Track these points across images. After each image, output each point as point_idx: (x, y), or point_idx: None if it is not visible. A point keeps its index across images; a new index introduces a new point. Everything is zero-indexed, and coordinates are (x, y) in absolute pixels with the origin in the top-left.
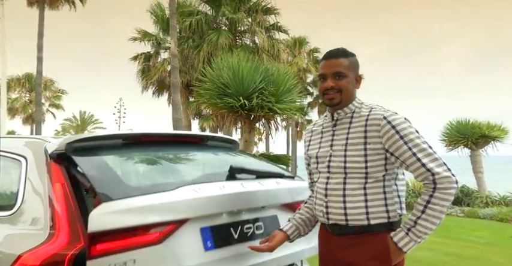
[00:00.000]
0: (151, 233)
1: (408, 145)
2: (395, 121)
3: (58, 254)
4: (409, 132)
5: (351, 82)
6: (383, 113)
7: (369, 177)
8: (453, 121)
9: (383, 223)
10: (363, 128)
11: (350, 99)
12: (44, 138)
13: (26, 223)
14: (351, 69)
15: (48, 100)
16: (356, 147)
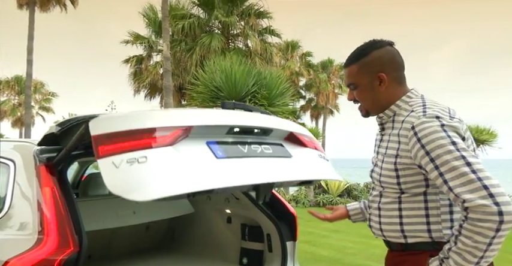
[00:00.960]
0: (157, 136)
1: (435, 163)
2: (423, 132)
3: (47, 259)
4: (438, 145)
5: (368, 88)
6: (414, 121)
7: (405, 192)
8: None
9: (425, 242)
10: (397, 138)
11: (380, 104)
12: (33, 142)
13: (14, 228)
14: (363, 73)
15: (38, 103)
16: (390, 159)
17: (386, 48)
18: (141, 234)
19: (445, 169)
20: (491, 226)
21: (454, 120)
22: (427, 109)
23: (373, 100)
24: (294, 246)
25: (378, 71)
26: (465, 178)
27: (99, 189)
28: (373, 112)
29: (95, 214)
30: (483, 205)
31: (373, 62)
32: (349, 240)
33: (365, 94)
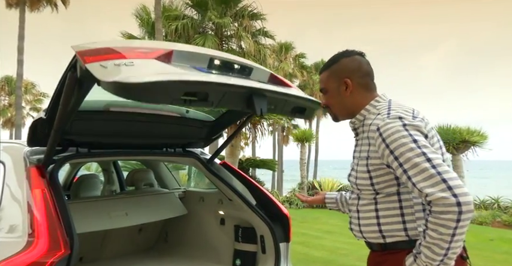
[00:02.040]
0: (141, 52)
1: (399, 161)
2: (387, 132)
3: (37, 262)
4: (400, 143)
5: (336, 93)
6: (379, 122)
7: (379, 193)
8: (435, 127)
9: (403, 241)
10: (367, 140)
11: (348, 109)
12: (23, 143)
13: (3, 231)
14: (332, 79)
15: (29, 104)
16: (362, 161)
17: (355, 57)
18: (134, 236)
19: (408, 166)
20: (452, 217)
21: (416, 119)
22: (391, 111)
23: (340, 105)
24: (287, 247)
25: (344, 77)
26: (426, 173)
27: (91, 190)
28: (341, 116)
29: (87, 215)
30: (443, 198)
31: (341, 69)
32: (342, 241)
33: (333, 98)
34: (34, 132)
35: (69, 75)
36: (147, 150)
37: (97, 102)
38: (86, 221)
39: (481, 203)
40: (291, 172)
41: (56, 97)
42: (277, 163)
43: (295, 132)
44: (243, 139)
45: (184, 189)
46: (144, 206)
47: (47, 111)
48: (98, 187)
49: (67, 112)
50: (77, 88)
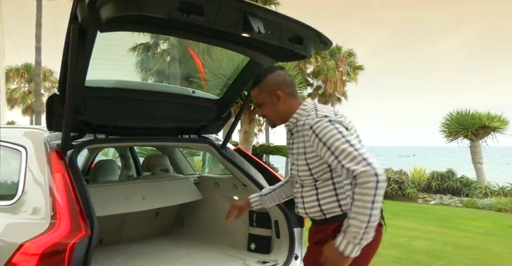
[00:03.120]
0: None
1: (331, 150)
2: (318, 129)
3: (59, 243)
4: (330, 136)
5: (270, 104)
6: (310, 122)
7: (318, 180)
8: (453, 112)
9: (338, 215)
10: (302, 138)
11: (282, 115)
12: (43, 128)
13: (27, 213)
14: (263, 93)
15: (47, 91)
16: (301, 156)
17: (278, 71)
18: (151, 220)
19: (338, 153)
20: (372, 185)
21: (337, 116)
22: (318, 112)
23: (275, 113)
24: (301, 232)
25: (274, 90)
26: (351, 155)
27: (109, 175)
28: (278, 122)
29: (106, 199)
30: (365, 171)
31: (270, 83)
32: None
33: (268, 109)
34: (50, 109)
35: (72, 28)
36: (163, 136)
37: (107, 81)
38: (105, 205)
39: (500, 190)
40: None
41: (63, 67)
42: None
43: None
44: (257, 126)
45: (199, 175)
46: (160, 191)
47: (59, 86)
48: (115, 172)
49: (77, 77)
50: (81, 41)
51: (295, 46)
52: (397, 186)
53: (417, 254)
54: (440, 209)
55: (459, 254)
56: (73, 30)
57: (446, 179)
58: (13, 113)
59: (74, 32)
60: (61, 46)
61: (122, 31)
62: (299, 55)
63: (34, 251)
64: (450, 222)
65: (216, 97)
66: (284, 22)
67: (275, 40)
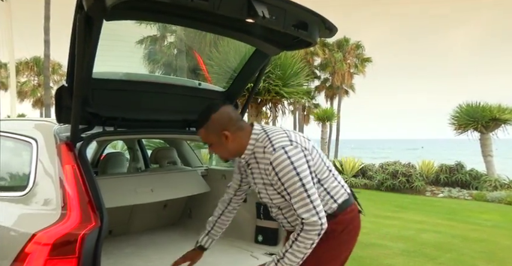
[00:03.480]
0: None
1: (287, 191)
2: (278, 167)
3: (70, 233)
4: (290, 177)
5: (219, 144)
6: (270, 157)
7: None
8: (463, 104)
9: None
10: (264, 171)
11: (234, 152)
12: (53, 121)
13: (39, 204)
14: (211, 134)
15: (56, 84)
16: (270, 187)
17: (222, 109)
18: (159, 212)
19: (293, 195)
20: (315, 233)
21: (293, 144)
22: (273, 142)
23: (227, 151)
24: None
25: (221, 130)
26: (303, 202)
27: (117, 167)
28: (230, 157)
29: (115, 191)
30: (314, 221)
31: (215, 125)
32: (362, 220)
33: (219, 148)
34: (59, 102)
35: (78, 18)
36: (170, 129)
37: (114, 73)
38: (114, 196)
39: (510, 183)
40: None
41: (71, 58)
42: None
43: (317, 111)
44: (264, 119)
45: (206, 167)
46: (168, 183)
47: (67, 78)
48: (124, 164)
49: (84, 68)
50: (88, 31)
51: (300, 32)
52: (404, 179)
53: (425, 247)
54: (448, 202)
55: (467, 247)
56: (79, 20)
57: (455, 172)
58: (23, 106)
59: (80, 21)
60: (69, 38)
61: (127, 19)
62: (304, 42)
63: (46, 241)
64: (459, 215)
65: (222, 90)
66: (288, 7)
67: (279, 26)
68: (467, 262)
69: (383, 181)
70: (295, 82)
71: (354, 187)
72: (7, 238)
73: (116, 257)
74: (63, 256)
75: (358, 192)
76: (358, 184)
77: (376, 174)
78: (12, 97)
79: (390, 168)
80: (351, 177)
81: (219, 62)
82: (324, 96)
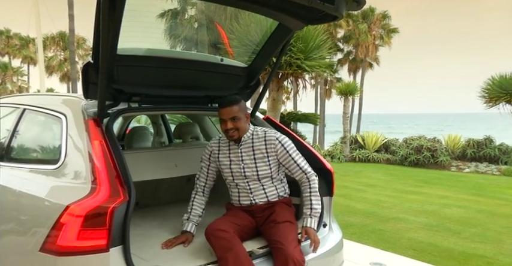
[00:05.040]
0: None
1: (292, 156)
2: (283, 140)
3: (101, 206)
4: (292, 146)
5: (243, 120)
6: (274, 136)
7: (273, 178)
8: (495, 76)
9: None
10: (264, 146)
11: (244, 129)
12: (80, 96)
13: (69, 177)
14: (241, 111)
15: (81, 59)
16: (262, 160)
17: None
18: (182, 186)
19: (297, 158)
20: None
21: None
22: (269, 130)
23: (242, 127)
24: (330, 201)
25: (246, 111)
26: (305, 161)
27: (142, 141)
28: (241, 134)
29: (141, 166)
30: (314, 173)
31: (244, 106)
32: (384, 194)
33: (241, 123)
34: (85, 78)
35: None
36: (193, 105)
37: (138, 49)
38: (140, 171)
39: None
40: (332, 126)
41: (96, 35)
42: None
43: (339, 85)
44: (285, 93)
45: None
46: (191, 158)
47: (92, 54)
48: (148, 138)
49: (109, 44)
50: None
51: (325, 6)
52: (429, 154)
53: (448, 221)
54: (475, 177)
55: (493, 222)
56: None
57: (483, 146)
58: (51, 80)
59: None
60: (93, 13)
61: None
62: (329, 16)
63: (79, 213)
64: (485, 190)
65: (245, 65)
66: None
67: (305, 0)
68: (492, 237)
69: (406, 156)
70: (318, 55)
71: (376, 162)
72: (42, 207)
73: (144, 229)
74: (95, 227)
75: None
76: (380, 159)
77: (399, 149)
78: (41, 73)
79: (414, 143)
80: (373, 152)
81: (240, 36)
82: (347, 70)
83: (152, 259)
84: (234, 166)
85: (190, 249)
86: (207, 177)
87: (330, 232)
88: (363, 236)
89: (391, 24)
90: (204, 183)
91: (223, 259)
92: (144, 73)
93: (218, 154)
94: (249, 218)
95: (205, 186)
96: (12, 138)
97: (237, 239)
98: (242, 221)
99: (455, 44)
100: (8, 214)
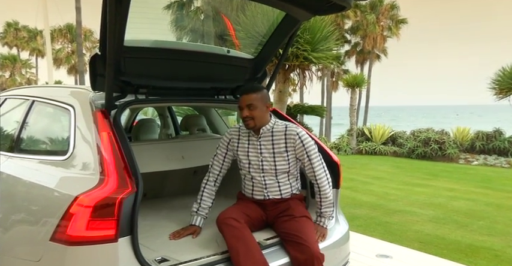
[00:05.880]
0: None
1: (308, 154)
2: (303, 136)
3: (110, 197)
4: (311, 144)
5: (261, 109)
6: (295, 130)
7: (290, 174)
8: (507, 67)
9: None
10: (283, 140)
11: (262, 121)
12: (88, 88)
13: (78, 168)
14: (260, 100)
15: (88, 51)
16: (281, 154)
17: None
18: (189, 178)
19: (313, 157)
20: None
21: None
22: (291, 124)
23: (260, 117)
24: (337, 193)
25: (267, 101)
26: (322, 165)
27: (149, 133)
28: (258, 125)
29: (148, 157)
30: (326, 178)
31: (265, 95)
32: (391, 187)
33: (258, 113)
34: (93, 70)
35: None
36: (200, 97)
37: (144, 41)
38: (148, 162)
39: None
40: (339, 119)
41: (103, 27)
42: (325, 109)
43: (346, 77)
44: (291, 85)
45: None
46: (198, 150)
47: (99, 46)
48: (155, 130)
49: (116, 36)
50: (118, 0)
51: None
52: (437, 147)
53: (456, 214)
54: (483, 170)
55: (502, 215)
56: None
57: (492, 139)
58: (59, 73)
59: None
60: (100, 5)
61: None
62: (337, 6)
63: (87, 203)
64: (494, 183)
65: (251, 57)
66: None
67: None
68: (500, 230)
69: (414, 149)
70: (325, 46)
71: (382, 155)
72: (52, 198)
73: (151, 220)
74: (104, 218)
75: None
76: (387, 152)
77: (406, 142)
78: (49, 65)
79: (422, 136)
80: (380, 145)
81: (246, 27)
82: (354, 62)
83: (160, 249)
84: (252, 158)
85: (197, 240)
86: (222, 164)
87: (337, 224)
88: (369, 228)
89: (400, 15)
90: (219, 171)
91: (234, 249)
92: (151, 65)
93: (238, 144)
94: (260, 211)
95: (218, 175)
96: (22, 130)
97: (248, 229)
98: (253, 213)
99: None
100: (19, 204)
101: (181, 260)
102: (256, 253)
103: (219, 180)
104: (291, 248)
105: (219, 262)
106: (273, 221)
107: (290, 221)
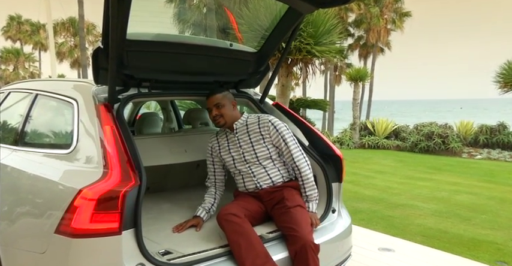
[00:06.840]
0: None
1: (285, 140)
2: (276, 123)
3: (113, 190)
4: (284, 129)
5: (228, 107)
6: (267, 118)
7: (274, 159)
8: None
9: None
10: (258, 130)
11: (232, 117)
12: (91, 82)
13: (81, 161)
14: (226, 98)
15: (91, 45)
16: (259, 142)
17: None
18: (192, 171)
19: (290, 144)
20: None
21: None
22: (263, 114)
23: (229, 115)
24: (339, 187)
25: (232, 99)
26: (298, 148)
27: (152, 127)
28: (228, 122)
29: (151, 151)
30: (304, 160)
31: (230, 94)
32: (394, 181)
33: (226, 110)
34: (96, 63)
35: None
36: (203, 91)
37: (147, 34)
38: (151, 156)
39: None
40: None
41: (105, 20)
42: (328, 103)
43: (349, 70)
44: (294, 79)
45: None
46: (201, 144)
47: (102, 40)
48: (158, 124)
49: (118, 29)
50: None
51: None
52: (440, 140)
53: (458, 208)
54: (487, 164)
55: (505, 209)
56: None
57: (496, 133)
58: (62, 66)
59: None
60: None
61: None
62: None
63: (91, 196)
64: (497, 177)
65: (254, 50)
66: None
67: None
68: (504, 223)
69: (417, 143)
70: (328, 40)
71: (385, 149)
72: (56, 191)
73: (155, 213)
74: (107, 211)
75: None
76: (390, 146)
77: (410, 136)
78: (52, 58)
79: (425, 129)
80: (383, 139)
81: (249, 20)
82: (358, 55)
83: (163, 242)
84: (234, 154)
85: (200, 233)
86: (215, 172)
87: (339, 217)
88: (371, 222)
89: (404, 8)
90: (214, 179)
91: (235, 243)
92: (153, 58)
93: (219, 148)
94: (257, 203)
95: (215, 181)
96: (25, 123)
97: (248, 223)
98: (251, 206)
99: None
100: (24, 196)
101: (185, 252)
102: (258, 245)
103: (218, 184)
104: (287, 240)
105: (221, 254)
106: (271, 213)
107: (285, 214)
